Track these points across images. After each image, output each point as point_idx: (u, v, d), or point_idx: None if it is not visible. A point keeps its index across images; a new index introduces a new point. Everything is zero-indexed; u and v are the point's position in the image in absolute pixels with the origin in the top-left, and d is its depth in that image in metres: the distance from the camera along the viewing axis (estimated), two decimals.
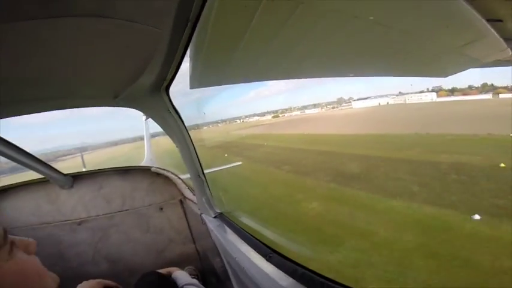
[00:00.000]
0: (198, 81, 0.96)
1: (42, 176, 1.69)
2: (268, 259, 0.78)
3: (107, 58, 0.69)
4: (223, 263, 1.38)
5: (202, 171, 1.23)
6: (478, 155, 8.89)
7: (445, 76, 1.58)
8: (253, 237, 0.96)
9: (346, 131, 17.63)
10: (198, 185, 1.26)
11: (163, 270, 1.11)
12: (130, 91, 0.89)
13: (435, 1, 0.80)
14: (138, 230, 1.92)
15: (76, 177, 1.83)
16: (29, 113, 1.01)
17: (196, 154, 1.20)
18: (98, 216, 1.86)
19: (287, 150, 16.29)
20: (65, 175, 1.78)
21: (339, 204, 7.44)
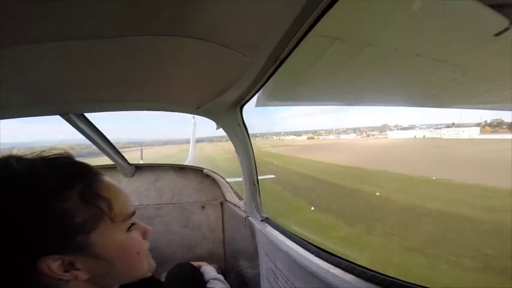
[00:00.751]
0: (264, 101, 1.12)
1: (112, 163, 1.92)
2: (317, 255, 0.90)
3: (198, 74, 0.82)
4: (252, 264, 1.49)
5: (257, 179, 1.37)
6: (377, 187, 13.05)
7: None
8: (299, 237, 1.08)
9: (343, 161, 22.84)
10: (251, 191, 1.39)
11: (194, 263, 1.22)
12: (211, 105, 1.07)
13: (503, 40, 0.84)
14: (178, 223, 2.08)
15: (138, 168, 2.06)
16: (122, 110, 1.19)
17: (255, 164, 1.34)
18: (148, 205, 2.05)
19: (283, 169, 21.83)
20: (130, 164, 2.01)
21: (275, 197, 12.68)
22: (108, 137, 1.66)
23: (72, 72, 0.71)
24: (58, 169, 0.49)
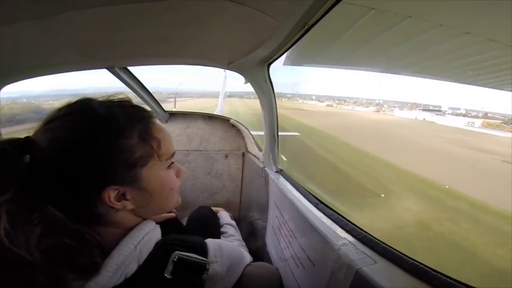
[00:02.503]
0: (291, 61, 1.12)
1: (149, 110, 2.11)
2: (316, 206, 1.02)
3: (231, 34, 0.86)
4: (262, 217, 1.63)
5: (277, 133, 1.48)
6: (307, 138, 22.45)
7: None
8: (304, 188, 1.21)
9: (317, 124, 29.83)
10: (270, 144, 1.51)
11: (213, 208, 1.38)
12: (241, 62, 1.13)
13: None
14: (203, 170, 2.24)
15: (172, 115, 2.21)
16: (161, 64, 1.26)
17: (277, 119, 1.43)
18: (178, 150, 2.17)
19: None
20: (165, 111, 2.17)
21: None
22: (147, 86, 1.78)
23: (118, 32, 0.78)
24: (126, 111, 0.55)
